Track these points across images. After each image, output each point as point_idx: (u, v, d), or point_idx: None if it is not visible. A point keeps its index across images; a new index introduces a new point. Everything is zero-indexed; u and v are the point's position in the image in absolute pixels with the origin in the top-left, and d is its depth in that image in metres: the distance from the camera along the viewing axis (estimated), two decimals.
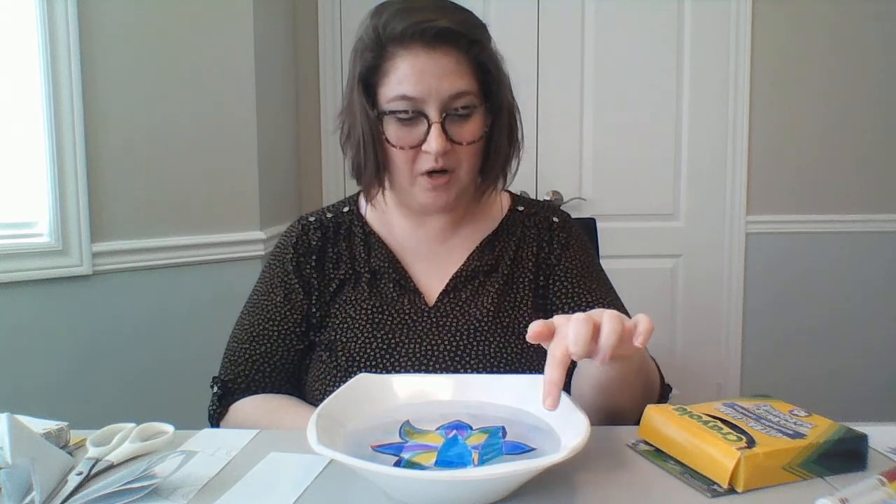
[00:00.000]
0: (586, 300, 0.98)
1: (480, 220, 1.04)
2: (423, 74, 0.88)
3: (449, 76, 0.89)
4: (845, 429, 0.70)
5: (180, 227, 1.89)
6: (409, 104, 0.89)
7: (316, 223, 1.04)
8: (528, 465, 0.59)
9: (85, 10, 1.67)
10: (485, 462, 0.64)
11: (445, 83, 0.88)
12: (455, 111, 0.90)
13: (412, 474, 0.59)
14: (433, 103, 0.88)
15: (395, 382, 0.80)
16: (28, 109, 1.62)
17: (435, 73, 0.88)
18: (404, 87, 0.88)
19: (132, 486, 0.63)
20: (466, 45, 0.90)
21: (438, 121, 0.89)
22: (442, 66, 0.88)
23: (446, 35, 0.89)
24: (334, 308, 0.98)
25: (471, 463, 0.64)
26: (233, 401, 0.97)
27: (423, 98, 0.88)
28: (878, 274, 2.54)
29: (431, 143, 0.89)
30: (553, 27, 2.46)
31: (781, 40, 2.46)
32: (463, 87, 0.90)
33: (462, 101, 0.90)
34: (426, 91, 0.88)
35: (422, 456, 0.65)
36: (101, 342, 1.75)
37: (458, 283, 0.99)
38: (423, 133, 0.90)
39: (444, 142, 0.89)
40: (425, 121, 0.89)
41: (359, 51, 0.93)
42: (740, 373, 2.58)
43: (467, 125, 0.91)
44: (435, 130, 0.88)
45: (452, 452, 0.65)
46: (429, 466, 0.63)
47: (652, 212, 2.53)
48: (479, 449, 0.66)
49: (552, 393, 0.63)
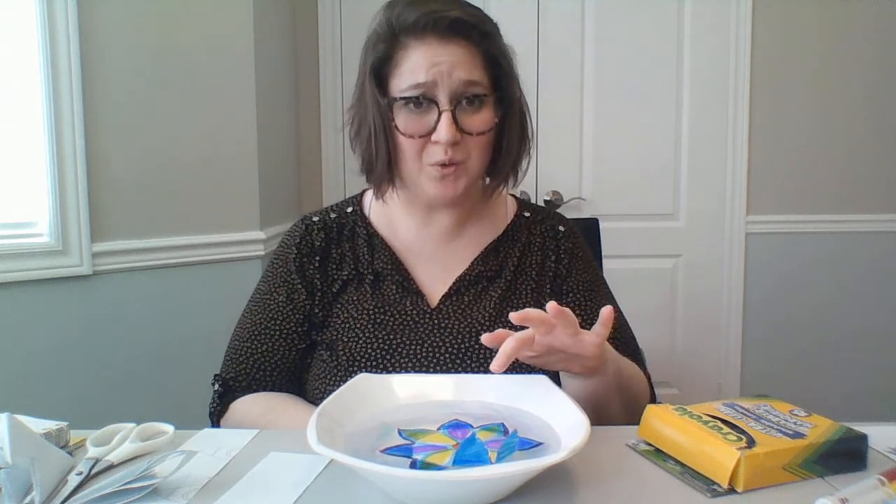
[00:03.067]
0: (596, 314, 0.98)
1: (486, 222, 1.04)
2: (434, 63, 0.88)
3: (461, 66, 0.89)
4: (845, 429, 0.70)
5: (180, 227, 1.89)
6: (420, 91, 0.89)
7: (319, 223, 1.03)
8: (528, 465, 0.59)
9: (85, 10, 1.67)
10: (502, 460, 0.64)
11: (457, 72, 0.89)
12: (466, 100, 0.90)
13: (412, 474, 0.59)
14: (444, 91, 0.89)
15: (395, 382, 0.80)
16: (28, 109, 1.62)
17: (447, 62, 0.88)
18: (416, 75, 0.89)
19: (132, 486, 0.63)
20: (478, 37, 0.91)
21: (449, 109, 0.89)
22: (454, 57, 0.89)
23: (459, 26, 0.89)
24: (336, 308, 0.98)
25: (488, 461, 0.64)
26: (233, 399, 0.97)
27: (435, 85, 0.88)
28: (878, 274, 2.53)
29: (441, 132, 0.89)
30: (553, 27, 2.46)
31: (781, 40, 2.46)
32: (474, 77, 0.90)
33: (473, 90, 0.90)
34: (438, 78, 0.88)
35: (435, 456, 0.65)
36: (101, 342, 1.75)
37: (461, 287, 0.98)
38: (433, 121, 0.90)
39: (454, 130, 0.89)
40: (436, 109, 0.89)
41: (371, 43, 0.94)
42: (740, 373, 2.58)
43: (478, 115, 0.91)
44: (445, 118, 0.89)
45: (470, 452, 0.66)
46: (445, 466, 0.63)
47: (652, 212, 2.53)
48: (496, 448, 0.66)
49: (500, 359, 0.69)
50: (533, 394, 0.77)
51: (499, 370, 0.68)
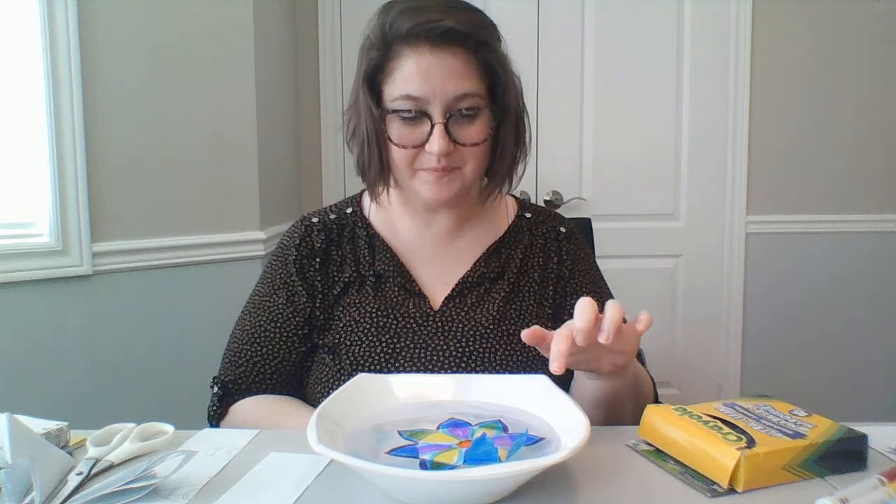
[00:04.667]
0: None
1: (486, 224, 1.04)
2: (427, 74, 0.87)
3: (454, 77, 0.88)
4: (845, 429, 0.70)
5: (180, 227, 1.89)
6: (412, 104, 0.88)
7: (319, 224, 1.03)
8: (528, 465, 0.59)
9: (85, 10, 1.67)
10: (511, 458, 0.64)
11: (450, 84, 0.87)
12: (459, 112, 0.89)
13: (413, 474, 0.59)
14: (437, 104, 0.88)
15: (394, 383, 0.80)
16: (29, 110, 1.62)
17: (440, 73, 0.87)
18: (408, 86, 0.88)
19: (132, 486, 0.62)
20: (474, 46, 0.89)
21: (442, 122, 0.88)
22: (448, 67, 0.87)
23: (453, 35, 0.87)
24: (338, 311, 0.97)
25: (498, 460, 0.64)
26: (233, 402, 0.97)
27: (427, 98, 0.87)
28: (877, 274, 2.53)
29: (433, 144, 0.88)
30: (553, 27, 2.46)
31: (781, 40, 2.46)
32: (468, 88, 0.89)
33: (467, 103, 0.89)
34: (430, 91, 0.87)
35: (444, 455, 0.65)
36: (101, 342, 1.75)
37: (463, 289, 0.98)
38: (426, 133, 0.89)
39: (446, 143, 0.88)
40: (428, 121, 0.88)
41: (365, 49, 0.93)
42: (740, 373, 2.58)
43: (472, 127, 0.90)
44: (437, 131, 0.88)
45: (480, 451, 0.66)
46: (456, 465, 0.63)
47: (652, 212, 2.53)
48: (507, 446, 0.66)
49: (557, 359, 0.68)
50: (533, 394, 0.77)
51: (560, 371, 0.68)
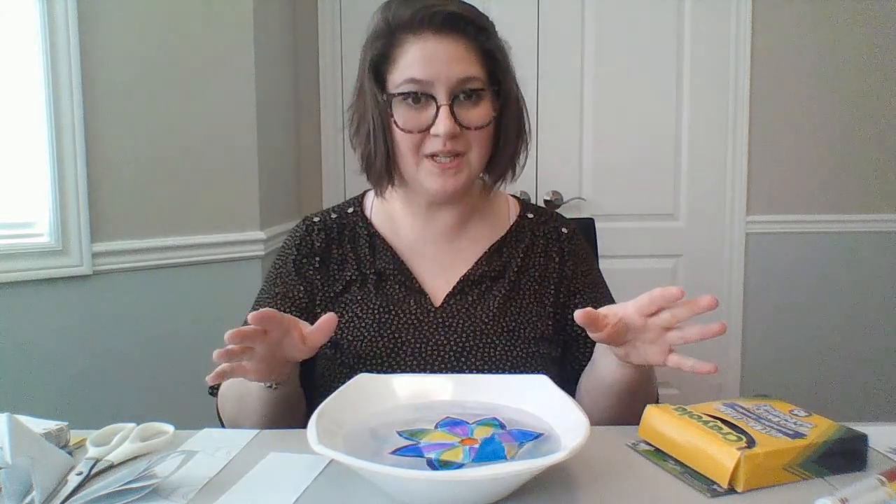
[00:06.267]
0: None
1: (488, 222, 1.04)
2: (431, 58, 0.89)
3: (457, 61, 0.90)
4: (845, 429, 0.70)
5: (180, 227, 1.89)
6: (417, 87, 0.90)
7: (320, 224, 1.04)
8: (528, 465, 0.59)
9: (85, 10, 1.67)
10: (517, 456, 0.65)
11: (454, 67, 0.89)
12: (464, 94, 0.91)
13: (413, 475, 0.59)
14: (442, 87, 0.89)
15: (394, 382, 0.80)
16: (28, 110, 1.62)
17: (444, 57, 0.89)
18: (413, 70, 0.90)
19: (132, 486, 0.63)
20: (474, 31, 0.92)
21: (447, 103, 0.89)
22: (450, 52, 0.90)
23: (455, 21, 0.90)
24: (340, 308, 0.98)
25: (505, 458, 0.64)
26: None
27: (432, 81, 0.89)
28: (878, 274, 2.53)
29: (439, 126, 0.89)
30: (553, 27, 2.46)
31: (781, 40, 2.45)
32: (471, 72, 0.91)
33: (470, 85, 0.91)
34: (434, 74, 0.89)
35: (449, 453, 0.65)
36: (101, 342, 1.75)
37: (465, 287, 0.99)
38: (431, 117, 0.90)
39: (452, 124, 0.89)
40: (434, 104, 0.90)
41: (369, 41, 0.95)
42: (740, 373, 2.57)
43: (476, 110, 0.92)
44: (443, 113, 0.89)
45: (488, 449, 0.66)
46: (463, 463, 0.63)
47: (652, 212, 2.53)
48: (514, 445, 0.67)
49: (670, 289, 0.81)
50: (533, 394, 0.77)
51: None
